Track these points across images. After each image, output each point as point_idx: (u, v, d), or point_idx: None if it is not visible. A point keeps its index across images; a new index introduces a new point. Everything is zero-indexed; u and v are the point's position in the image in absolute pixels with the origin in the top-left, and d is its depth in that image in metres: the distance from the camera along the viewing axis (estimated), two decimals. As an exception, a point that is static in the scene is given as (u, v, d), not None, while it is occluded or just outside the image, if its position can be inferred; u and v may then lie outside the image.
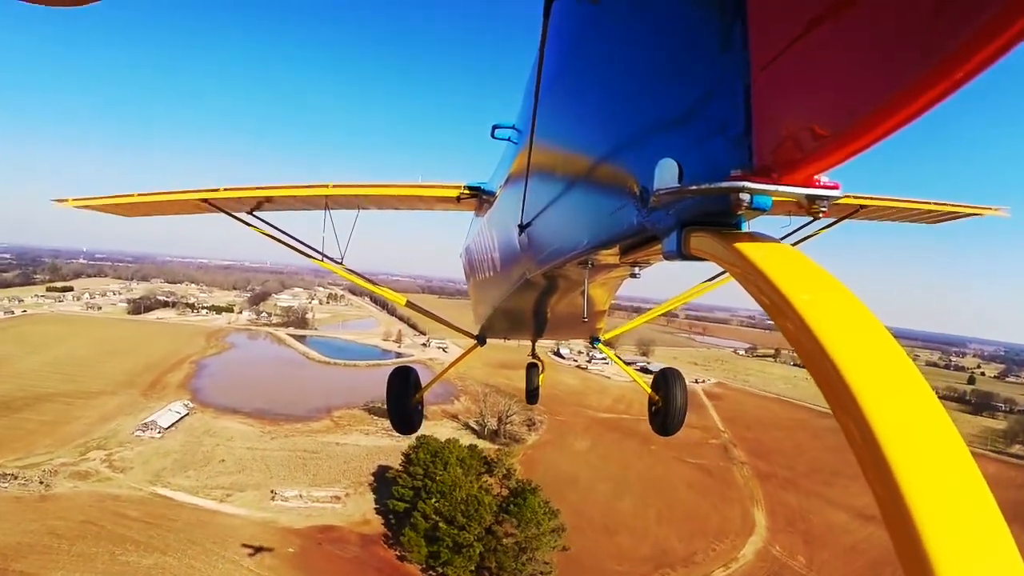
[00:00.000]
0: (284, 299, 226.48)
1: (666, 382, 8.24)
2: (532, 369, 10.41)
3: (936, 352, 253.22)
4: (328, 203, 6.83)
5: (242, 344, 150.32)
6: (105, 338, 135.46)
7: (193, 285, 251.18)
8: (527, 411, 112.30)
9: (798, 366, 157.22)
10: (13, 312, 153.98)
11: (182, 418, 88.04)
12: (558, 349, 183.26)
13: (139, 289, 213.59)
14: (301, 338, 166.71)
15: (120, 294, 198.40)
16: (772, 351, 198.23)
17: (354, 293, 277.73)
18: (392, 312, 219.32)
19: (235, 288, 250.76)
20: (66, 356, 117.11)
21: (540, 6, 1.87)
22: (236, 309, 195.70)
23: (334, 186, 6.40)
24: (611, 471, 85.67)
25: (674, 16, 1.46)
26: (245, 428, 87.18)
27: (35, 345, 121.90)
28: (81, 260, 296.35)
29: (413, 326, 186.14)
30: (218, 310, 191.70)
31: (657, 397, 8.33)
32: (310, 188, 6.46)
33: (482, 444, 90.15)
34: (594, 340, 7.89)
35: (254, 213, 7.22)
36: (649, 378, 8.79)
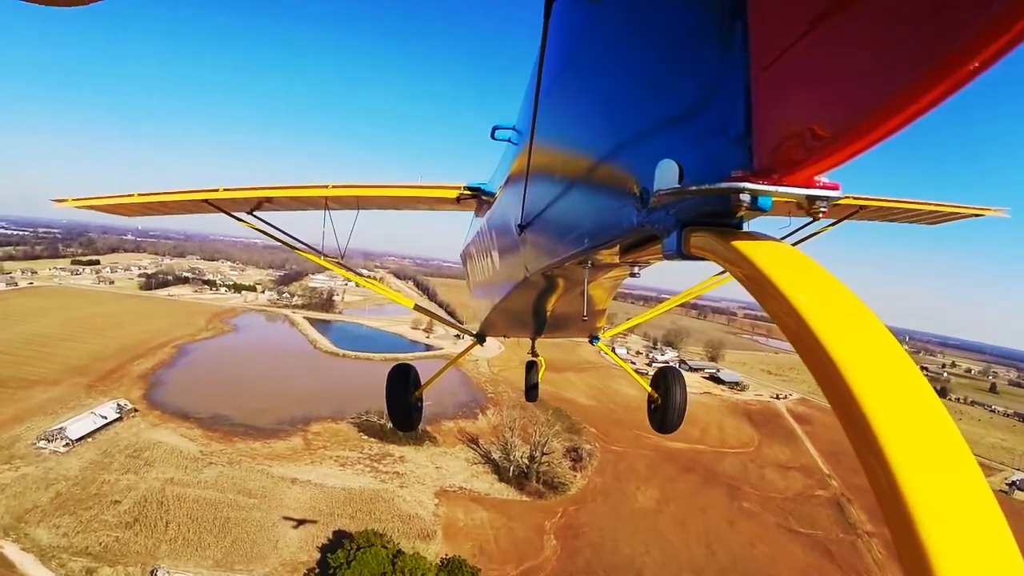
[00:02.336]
0: (319, 279, 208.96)
1: (666, 381, 8.31)
2: (531, 367, 10.95)
3: (1011, 369, 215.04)
4: (328, 203, 6.82)
5: (246, 327, 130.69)
6: (95, 314, 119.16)
7: (228, 262, 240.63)
8: (571, 434, 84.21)
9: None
10: (16, 284, 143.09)
11: (107, 425, 66.32)
12: (613, 349, 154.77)
13: (170, 264, 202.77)
14: (323, 322, 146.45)
15: (146, 269, 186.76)
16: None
17: (398, 276, 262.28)
18: (432, 297, 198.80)
19: (271, 267, 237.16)
20: (35, 334, 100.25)
21: (541, 6, 1.89)
22: (259, 288, 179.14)
23: (333, 186, 6.36)
24: (693, 553, 55.64)
25: (675, 16, 1.45)
26: (183, 445, 64.15)
27: (10, 320, 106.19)
28: (129, 236, 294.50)
29: (451, 313, 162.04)
30: (238, 288, 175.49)
31: (656, 395, 8.38)
32: (310, 189, 6.42)
33: (504, 492, 62.54)
34: (593, 339, 7.85)
35: (254, 213, 7.12)
36: (649, 376, 8.99)
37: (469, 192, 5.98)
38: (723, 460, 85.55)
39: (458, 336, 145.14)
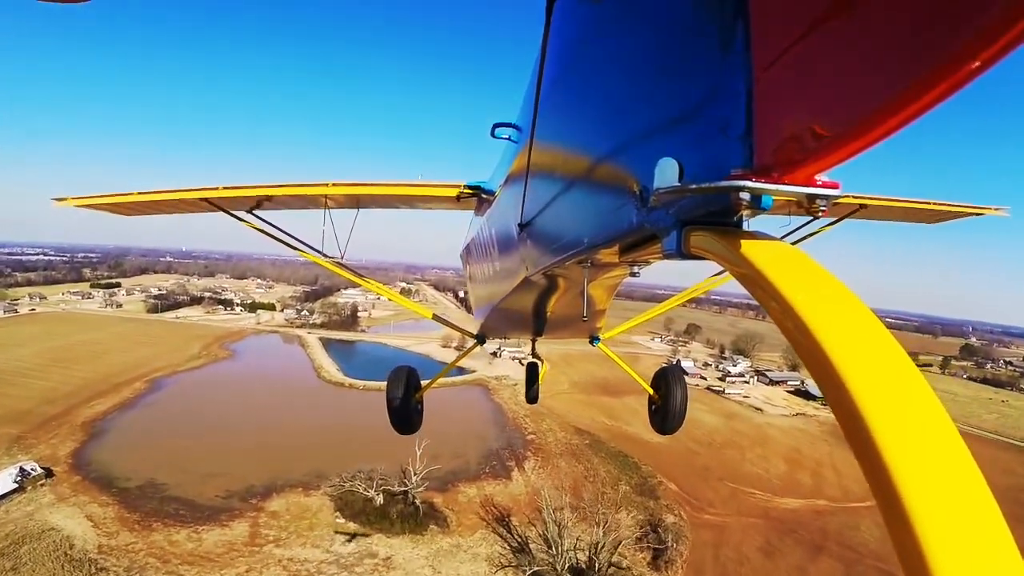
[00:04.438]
0: (351, 295, 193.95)
1: (666, 380, 8.30)
2: (532, 369, 10.98)
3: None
4: (328, 202, 6.80)
5: (247, 352, 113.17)
6: (79, 342, 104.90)
7: (258, 280, 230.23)
8: (644, 497, 59.75)
9: (985, 381, 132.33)
10: (16, 311, 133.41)
11: (-6, 502, 47.58)
12: (678, 362, 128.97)
13: (184, 284, 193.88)
14: (341, 343, 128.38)
15: (162, 290, 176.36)
16: (938, 359, 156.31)
17: (437, 288, 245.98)
18: (470, 308, 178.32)
19: (303, 283, 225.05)
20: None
21: (542, 6, 1.95)
22: (279, 306, 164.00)
23: (333, 185, 6.40)
24: None
25: (676, 16, 1.45)
26: (81, 534, 44.36)
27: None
28: (167, 258, 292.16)
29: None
30: (253, 308, 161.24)
31: (656, 396, 8.35)
32: (310, 187, 6.46)
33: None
34: (593, 339, 7.88)
35: (254, 212, 7.10)
36: (649, 377, 8.86)
37: (469, 191, 5.95)
38: (856, 523, 58.76)
39: (494, 353, 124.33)
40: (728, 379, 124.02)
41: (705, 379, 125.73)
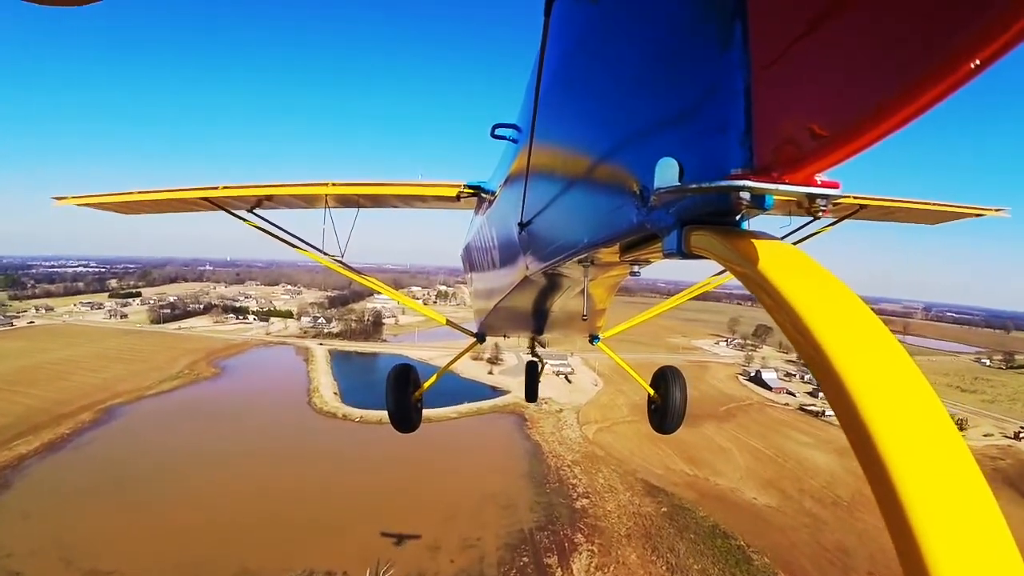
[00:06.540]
0: (382, 299, 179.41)
1: (665, 381, 8.41)
2: (533, 368, 11.53)
3: None
4: (328, 201, 6.88)
5: (238, 368, 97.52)
6: (54, 360, 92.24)
7: (287, 286, 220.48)
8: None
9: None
10: (12, 324, 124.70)
11: None
12: (758, 374, 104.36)
13: (219, 293, 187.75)
14: (358, 355, 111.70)
15: (173, 299, 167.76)
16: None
17: None
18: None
19: (335, 289, 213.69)
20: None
21: (541, 6, 1.99)
22: (296, 314, 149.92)
23: (333, 184, 6.46)
24: None
25: (675, 15, 1.45)
26: None
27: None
28: (207, 267, 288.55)
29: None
30: (265, 316, 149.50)
31: (656, 396, 8.46)
32: (310, 187, 6.53)
33: None
34: (593, 339, 7.92)
35: (254, 211, 7.21)
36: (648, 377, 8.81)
37: (469, 190, 5.97)
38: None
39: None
40: (821, 394, 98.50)
41: (794, 395, 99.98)
